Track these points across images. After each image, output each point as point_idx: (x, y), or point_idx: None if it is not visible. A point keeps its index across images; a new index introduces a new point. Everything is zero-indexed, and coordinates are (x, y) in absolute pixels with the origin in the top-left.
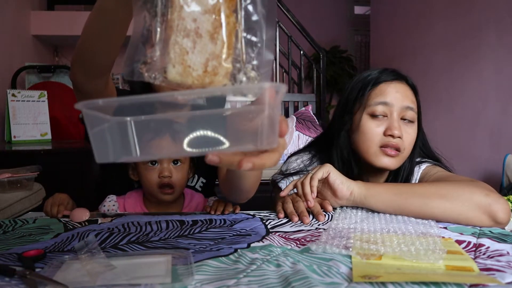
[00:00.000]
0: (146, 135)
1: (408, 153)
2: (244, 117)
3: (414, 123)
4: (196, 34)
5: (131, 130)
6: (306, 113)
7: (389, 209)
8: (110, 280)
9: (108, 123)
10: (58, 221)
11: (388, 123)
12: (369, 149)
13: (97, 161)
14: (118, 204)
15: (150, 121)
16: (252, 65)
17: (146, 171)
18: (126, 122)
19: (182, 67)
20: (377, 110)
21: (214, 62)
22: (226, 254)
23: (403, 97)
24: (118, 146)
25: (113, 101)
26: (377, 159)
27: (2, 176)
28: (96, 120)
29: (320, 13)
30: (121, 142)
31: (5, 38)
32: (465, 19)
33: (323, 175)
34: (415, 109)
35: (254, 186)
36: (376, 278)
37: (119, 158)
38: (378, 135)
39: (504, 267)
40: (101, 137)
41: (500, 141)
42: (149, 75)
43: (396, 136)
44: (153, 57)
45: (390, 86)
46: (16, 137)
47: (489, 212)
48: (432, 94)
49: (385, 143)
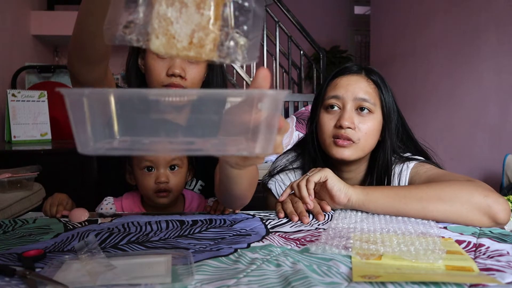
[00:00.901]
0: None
1: (367, 144)
2: (240, 120)
3: (372, 114)
4: (181, 3)
5: (112, 107)
6: (306, 113)
7: (388, 214)
8: (110, 280)
9: (86, 97)
10: (58, 221)
11: (340, 114)
12: (325, 142)
13: (80, 152)
14: (116, 206)
15: (133, 98)
16: (240, 31)
17: (142, 176)
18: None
19: (166, 38)
20: (330, 103)
21: (200, 34)
22: (226, 254)
23: (356, 88)
24: (99, 129)
25: (101, 92)
26: (332, 151)
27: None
28: (76, 104)
29: (320, 13)
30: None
31: (5, 38)
32: (465, 19)
33: (320, 180)
34: (370, 100)
35: (248, 192)
36: (376, 278)
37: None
38: (330, 127)
39: (504, 267)
40: (82, 123)
41: (500, 141)
42: (131, 38)
43: (344, 126)
44: (135, 20)
45: (343, 79)
46: (16, 137)
47: (489, 213)
48: (432, 94)
49: (336, 134)
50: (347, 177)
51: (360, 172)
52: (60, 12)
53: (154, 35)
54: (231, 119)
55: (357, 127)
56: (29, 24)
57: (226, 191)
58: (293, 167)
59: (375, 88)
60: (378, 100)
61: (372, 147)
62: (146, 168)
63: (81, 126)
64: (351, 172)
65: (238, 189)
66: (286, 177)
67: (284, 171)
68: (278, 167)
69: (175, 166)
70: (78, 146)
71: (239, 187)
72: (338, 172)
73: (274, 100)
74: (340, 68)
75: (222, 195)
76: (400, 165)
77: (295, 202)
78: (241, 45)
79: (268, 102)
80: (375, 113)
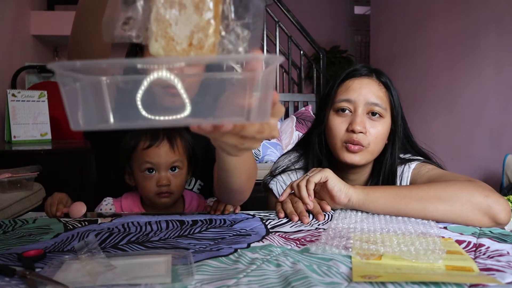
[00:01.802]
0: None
1: (376, 148)
2: (235, 88)
3: (383, 118)
4: (180, 5)
5: (106, 92)
6: (306, 113)
7: (388, 214)
8: (110, 280)
9: (80, 82)
10: (58, 221)
11: (351, 118)
12: (336, 145)
13: (72, 129)
14: (115, 206)
15: (128, 83)
16: (240, 23)
17: (143, 179)
18: (101, 82)
19: (165, 41)
20: (341, 106)
21: (199, 35)
22: (226, 254)
23: (368, 93)
24: (92, 111)
25: (93, 63)
26: (343, 156)
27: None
28: (68, 82)
29: (320, 13)
30: (95, 106)
31: (5, 38)
32: (465, 19)
33: (321, 180)
34: (382, 105)
35: (246, 186)
36: (376, 278)
37: (92, 125)
38: (342, 130)
39: (504, 267)
40: (75, 101)
41: (500, 141)
42: (131, 35)
43: (357, 131)
44: (134, 16)
45: (355, 82)
46: (16, 137)
47: (490, 214)
48: (432, 94)
49: (347, 139)
50: (352, 179)
51: (364, 174)
52: (60, 12)
53: (153, 38)
54: (228, 100)
55: (368, 131)
56: (29, 24)
57: (224, 186)
58: (295, 167)
59: (385, 92)
60: (388, 104)
61: (380, 150)
62: (147, 170)
63: (73, 101)
64: (356, 174)
65: (237, 182)
66: (288, 177)
67: (286, 172)
68: (280, 167)
69: (175, 167)
70: (70, 123)
71: (237, 180)
72: (343, 174)
73: (267, 64)
74: (350, 70)
75: (221, 191)
76: (401, 166)
77: (295, 202)
78: (242, 37)
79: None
80: (385, 117)
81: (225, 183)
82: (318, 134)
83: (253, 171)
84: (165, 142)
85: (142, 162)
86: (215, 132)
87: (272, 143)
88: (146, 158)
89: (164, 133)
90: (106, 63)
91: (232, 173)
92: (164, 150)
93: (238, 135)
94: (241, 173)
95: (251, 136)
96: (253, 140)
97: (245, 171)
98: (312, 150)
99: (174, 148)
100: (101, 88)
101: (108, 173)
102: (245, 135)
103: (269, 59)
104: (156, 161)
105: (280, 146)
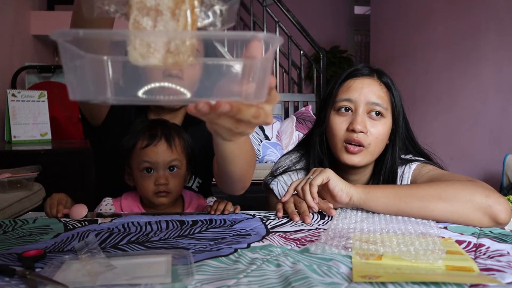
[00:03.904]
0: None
1: (377, 148)
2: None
3: (384, 118)
4: (157, 11)
5: (107, 70)
6: (306, 113)
7: (389, 212)
8: (110, 280)
9: (82, 59)
10: (58, 221)
11: (352, 118)
12: (336, 145)
13: (71, 98)
14: (115, 207)
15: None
16: None
17: (141, 178)
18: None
19: (142, 49)
20: (342, 105)
21: (177, 41)
22: (226, 254)
23: (369, 92)
24: (93, 86)
25: (96, 33)
26: (343, 157)
27: (2, 176)
28: (71, 55)
29: (320, 13)
30: (96, 82)
31: (5, 38)
32: (465, 19)
33: (323, 181)
34: (383, 105)
35: (247, 172)
36: (376, 278)
37: (92, 97)
38: (342, 130)
39: (504, 267)
40: (75, 74)
41: (500, 141)
42: (109, 9)
43: (357, 131)
44: None
45: (356, 82)
46: (16, 137)
47: (490, 214)
48: (432, 94)
49: (348, 139)
50: (353, 179)
51: (365, 175)
52: (60, 12)
53: (131, 46)
54: (225, 83)
55: (368, 131)
56: (29, 24)
57: (225, 174)
58: (296, 168)
59: (387, 92)
60: (389, 104)
61: (381, 151)
62: (145, 170)
63: (73, 70)
64: (357, 175)
65: (236, 169)
66: (289, 178)
67: (287, 172)
68: (281, 168)
69: (174, 167)
70: (70, 93)
71: (237, 166)
72: (344, 174)
73: (267, 44)
74: (351, 69)
75: (222, 180)
76: (402, 166)
77: (299, 202)
78: (219, 11)
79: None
80: (386, 117)
81: (224, 171)
82: (319, 134)
83: (251, 159)
84: (163, 141)
85: (140, 161)
86: (211, 113)
87: (272, 143)
88: (144, 157)
89: (162, 132)
90: (108, 33)
91: (230, 159)
92: (162, 149)
93: (234, 117)
94: (240, 159)
95: (246, 120)
96: (248, 125)
97: (243, 158)
98: (313, 151)
99: (172, 147)
100: (102, 64)
101: (108, 173)
102: (241, 118)
103: (269, 39)
104: (154, 160)
105: (280, 146)
